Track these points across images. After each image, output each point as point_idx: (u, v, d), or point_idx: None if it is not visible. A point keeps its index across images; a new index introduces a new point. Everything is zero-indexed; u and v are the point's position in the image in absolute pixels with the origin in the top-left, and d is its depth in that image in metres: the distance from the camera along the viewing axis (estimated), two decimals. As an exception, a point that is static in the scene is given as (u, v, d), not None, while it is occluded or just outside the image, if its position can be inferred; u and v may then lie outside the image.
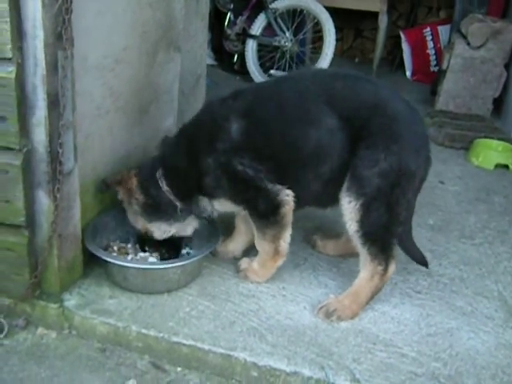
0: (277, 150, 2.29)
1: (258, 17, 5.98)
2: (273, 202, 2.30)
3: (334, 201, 2.36)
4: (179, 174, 2.39)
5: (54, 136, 2.02)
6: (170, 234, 2.50)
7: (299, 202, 2.36)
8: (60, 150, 2.04)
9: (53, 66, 1.93)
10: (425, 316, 2.37)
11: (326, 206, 2.51)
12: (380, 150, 2.19)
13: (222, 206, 2.42)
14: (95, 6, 2.18)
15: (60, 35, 1.91)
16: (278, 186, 2.29)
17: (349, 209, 2.25)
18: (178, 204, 2.41)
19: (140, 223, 2.48)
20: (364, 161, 2.20)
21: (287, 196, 2.31)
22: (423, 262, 2.57)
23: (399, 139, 2.22)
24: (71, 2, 1.90)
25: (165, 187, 2.39)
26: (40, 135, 2.01)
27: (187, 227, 2.53)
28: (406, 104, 2.34)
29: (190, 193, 2.40)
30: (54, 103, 1.98)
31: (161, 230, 2.48)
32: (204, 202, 2.42)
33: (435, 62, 6.68)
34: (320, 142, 2.26)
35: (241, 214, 2.53)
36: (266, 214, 2.34)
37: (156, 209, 2.43)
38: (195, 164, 2.33)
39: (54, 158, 2.04)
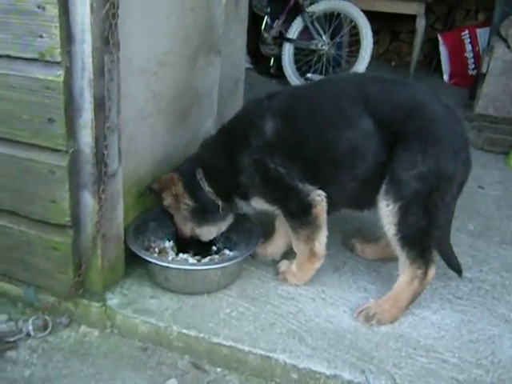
0: (309, 151, 2.30)
1: (295, 20, 5.97)
2: (303, 202, 2.32)
3: (370, 204, 2.36)
4: (219, 174, 2.43)
5: (99, 138, 2.06)
6: (215, 235, 2.55)
7: (334, 204, 2.37)
8: (105, 152, 2.08)
9: (99, 70, 1.98)
10: (466, 322, 2.34)
11: (363, 209, 2.50)
12: (417, 152, 2.17)
13: (257, 204, 2.45)
14: (139, 11, 2.21)
15: (107, 39, 1.96)
16: (309, 186, 2.30)
17: (387, 212, 2.24)
18: (220, 204, 2.45)
19: (189, 228, 2.53)
20: (401, 164, 2.19)
21: (318, 196, 2.32)
22: (458, 269, 2.54)
23: (437, 142, 2.20)
24: (118, 7, 1.94)
25: (207, 188, 2.43)
26: (86, 137, 2.06)
27: (226, 224, 2.57)
28: (445, 106, 2.32)
29: (229, 192, 2.44)
30: (100, 106, 2.03)
31: (209, 233, 2.54)
32: (241, 200, 2.46)
33: (473, 66, 6.58)
34: (354, 144, 2.26)
35: (277, 214, 2.54)
36: (298, 213, 2.36)
37: (204, 212, 2.48)
38: (232, 162, 2.37)
39: (100, 159, 2.09)
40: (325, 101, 2.34)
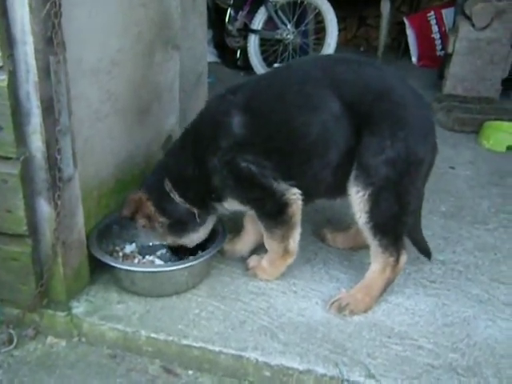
0: (280, 141, 2.23)
1: (259, 11, 5.92)
2: (279, 201, 2.25)
3: (343, 191, 2.29)
4: (189, 181, 2.33)
5: (51, 142, 1.98)
6: (201, 239, 2.49)
7: (308, 195, 2.31)
8: (58, 157, 2.00)
9: (45, 72, 1.89)
10: (440, 306, 2.32)
11: (336, 197, 2.44)
12: (386, 136, 2.12)
13: (231, 205, 2.38)
14: (86, 8, 2.14)
15: (50, 40, 1.87)
16: (285, 186, 2.24)
17: (357, 199, 2.20)
18: (195, 211, 2.38)
19: (171, 241, 2.47)
20: (370, 149, 2.14)
21: (294, 195, 2.26)
22: (427, 252, 2.53)
23: (406, 125, 2.15)
24: (60, 6, 1.86)
25: (178, 198, 2.35)
26: (37, 142, 1.98)
27: (208, 227, 2.50)
28: (412, 89, 2.28)
29: (203, 197, 2.36)
30: (49, 109, 1.95)
31: (192, 240, 2.47)
32: (215, 203, 2.39)
33: (441, 47, 6.57)
34: (324, 128, 2.19)
35: (249, 214, 2.49)
36: (273, 213, 2.30)
37: (181, 224, 2.40)
38: (201, 167, 2.28)
39: (53, 164, 2.01)
40: (289, 87, 2.24)
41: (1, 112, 1.91)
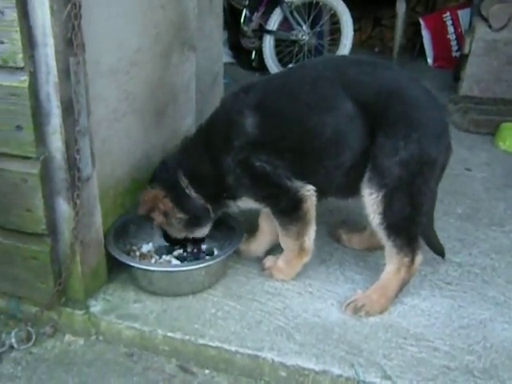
0: (292, 141, 2.25)
1: (274, 12, 5.91)
2: (294, 198, 2.27)
3: (355, 191, 2.30)
4: (204, 178, 2.36)
5: (70, 143, 2.01)
6: (207, 233, 2.53)
7: (320, 193, 2.32)
8: (77, 157, 2.03)
9: (65, 73, 1.92)
10: (456, 308, 2.31)
11: (349, 197, 2.45)
12: (399, 138, 2.13)
13: (245, 203, 2.40)
14: (105, 10, 2.16)
15: (70, 41, 1.90)
16: (299, 183, 2.25)
17: (371, 201, 2.20)
18: (209, 206, 2.41)
19: (183, 235, 2.50)
20: (384, 150, 2.15)
21: (308, 191, 2.27)
22: (441, 252, 2.52)
23: (419, 126, 2.15)
24: (80, 8, 1.88)
25: (194, 194, 2.37)
26: (56, 142, 2.00)
27: (213, 220, 2.52)
28: (425, 91, 2.28)
29: (218, 194, 2.38)
30: (69, 110, 1.97)
31: (201, 233, 2.51)
32: (229, 200, 2.41)
33: (457, 47, 6.53)
34: (336, 129, 2.20)
35: (264, 212, 2.51)
36: (288, 210, 2.31)
37: (196, 219, 2.44)
38: (216, 165, 2.30)
39: (72, 164, 2.04)
40: (302, 87, 2.26)
41: (21, 112, 1.94)
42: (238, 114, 2.26)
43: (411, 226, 2.25)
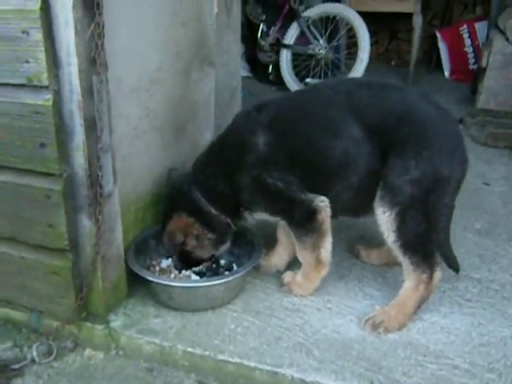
0: (302, 162, 2.28)
1: (291, 26, 5.96)
2: (308, 209, 2.28)
3: (365, 211, 2.34)
4: (220, 195, 2.40)
5: (92, 160, 2.04)
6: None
7: (332, 211, 2.33)
8: (99, 173, 2.06)
9: (88, 92, 1.96)
10: (476, 325, 2.29)
11: (359, 216, 2.48)
12: (410, 157, 2.14)
13: (261, 216, 2.43)
14: (127, 28, 2.20)
15: (93, 60, 1.94)
16: (312, 194, 2.28)
17: (384, 219, 2.21)
18: (229, 220, 2.46)
19: (211, 253, 2.55)
20: (394, 169, 2.16)
21: (322, 202, 2.29)
22: (454, 267, 2.46)
23: (430, 145, 2.16)
24: (103, 27, 1.92)
25: (214, 212, 2.41)
26: (79, 159, 2.04)
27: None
28: (436, 107, 2.28)
29: (234, 207, 2.42)
30: (92, 127, 2.01)
31: (225, 248, 2.57)
32: (245, 214, 2.44)
33: (474, 60, 6.53)
34: (344, 154, 2.23)
35: (281, 225, 2.54)
36: (303, 221, 2.32)
37: (223, 235, 2.50)
38: (230, 182, 2.35)
39: (94, 181, 2.07)
40: (313, 110, 2.31)
41: (45, 130, 1.98)
42: (250, 132, 2.30)
43: (427, 243, 2.24)
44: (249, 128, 2.32)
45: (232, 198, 2.38)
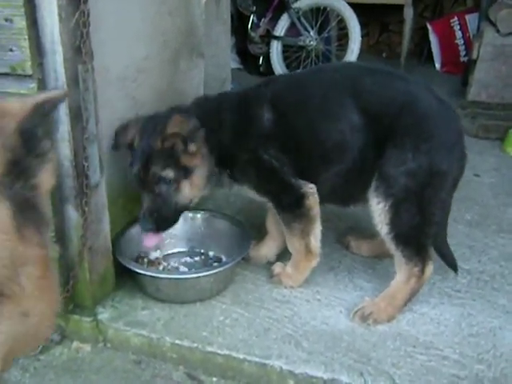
0: (299, 142, 2.26)
1: (281, 17, 5.91)
2: (296, 194, 2.26)
3: (355, 200, 2.34)
4: (217, 143, 2.26)
5: (78, 150, 2.01)
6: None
7: (320, 197, 2.31)
8: (85, 164, 2.03)
9: (73, 81, 1.93)
10: (466, 316, 2.29)
11: (348, 205, 2.46)
12: (408, 149, 2.12)
13: (247, 192, 2.38)
14: (113, 17, 2.17)
15: (79, 49, 1.90)
16: (301, 181, 2.26)
17: (378, 210, 2.20)
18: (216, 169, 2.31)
19: (190, 197, 2.33)
20: (391, 160, 2.15)
21: (311, 189, 2.28)
22: (453, 265, 2.48)
23: (430, 138, 2.15)
24: (88, 15, 1.89)
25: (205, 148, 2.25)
26: (65, 150, 2.00)
27: None
28: (439, 100, 2.26)
29: (222, 164, 2.30)
30: (77, 117, 1.98)
31: (200, 193, 2.36)
32: (226, 178, 2.35)
33: (465, 52, 6.51)
34: (340, 136, 2.21)
35: (270, 215, 2.52)
36: (291, 206, 2.30)
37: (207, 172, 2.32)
38: (227, 141, 2.27)
39: (80, 172, 2.04)
40: (316, 92, 2.29)
41: (30, 120, 1.94)
42: (254, 105, 2.28)
43: (420, 237, 2.23)
44: (254, 100, 2.30)
45: (225, 154, 2.28)
